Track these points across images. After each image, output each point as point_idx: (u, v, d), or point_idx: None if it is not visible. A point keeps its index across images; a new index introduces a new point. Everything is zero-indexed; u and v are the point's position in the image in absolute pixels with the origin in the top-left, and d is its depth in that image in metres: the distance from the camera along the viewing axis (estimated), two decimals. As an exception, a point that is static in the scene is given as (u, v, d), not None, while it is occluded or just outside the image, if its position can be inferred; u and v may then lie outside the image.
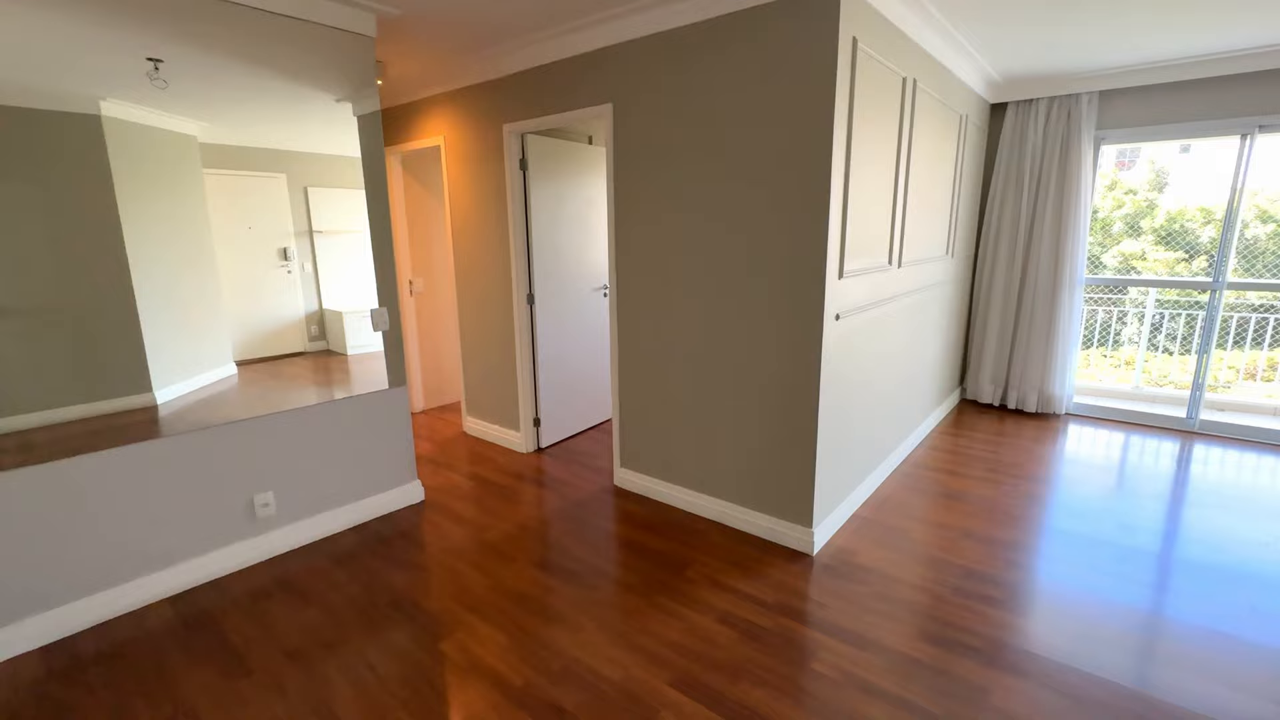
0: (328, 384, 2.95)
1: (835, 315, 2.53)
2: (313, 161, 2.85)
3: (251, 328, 2.78)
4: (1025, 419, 4.45)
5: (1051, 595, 2.36)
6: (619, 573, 2.53)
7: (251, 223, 2.77)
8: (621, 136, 2.94)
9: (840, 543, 2.73)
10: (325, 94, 2.76)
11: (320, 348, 2.99)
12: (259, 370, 2.80)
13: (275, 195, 2.79)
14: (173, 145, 2.42)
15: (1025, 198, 4.32)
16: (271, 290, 2.83)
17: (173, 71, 2.36)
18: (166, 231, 2.40)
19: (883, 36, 2.56)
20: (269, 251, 2.82)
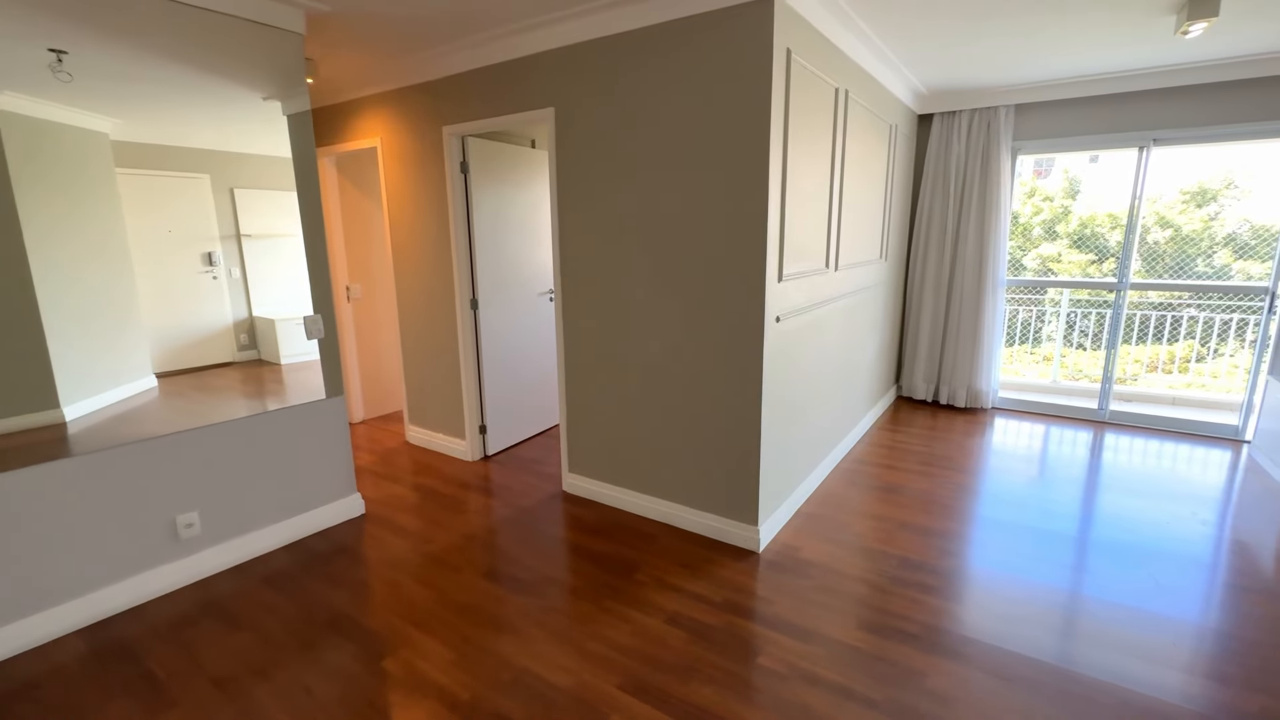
0: (259, 395, 2.82)
1: (776, 318, 2.60)
2: (239, 162, 2.71)
3: (173, 337, 2.61)
4: (956, 414, 4.68)
5: (981, 580, 2.49)
6: (568, 579, 2.51)
7: (172, 226, 2.60)
8: (563, 141, 2.93)
9: (785, 539, 2.79)
10: (251, 91, 2.64)
11: (251, 357, 2.85)
12: (182, 382, 2.64)
13: (198, 197, 2.63)
14: (81, 143, 2.25)
15: (951, 204, 4.56)
16: (195, 297, 2.67)
17: (79, 65, 2.20)
18: (74, 235, 2.23)
19: (816, 49, 2.66)
20: (191, 256, 2.66)
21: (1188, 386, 5.23)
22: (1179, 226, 6.54)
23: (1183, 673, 1.94)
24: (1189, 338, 5.36)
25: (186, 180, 2.59)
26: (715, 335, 2.64)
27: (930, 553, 2.69)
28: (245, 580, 2.51)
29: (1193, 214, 6.49)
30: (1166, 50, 3.35)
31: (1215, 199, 6.41)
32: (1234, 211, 6.26)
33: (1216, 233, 6.26)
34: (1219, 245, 6.24)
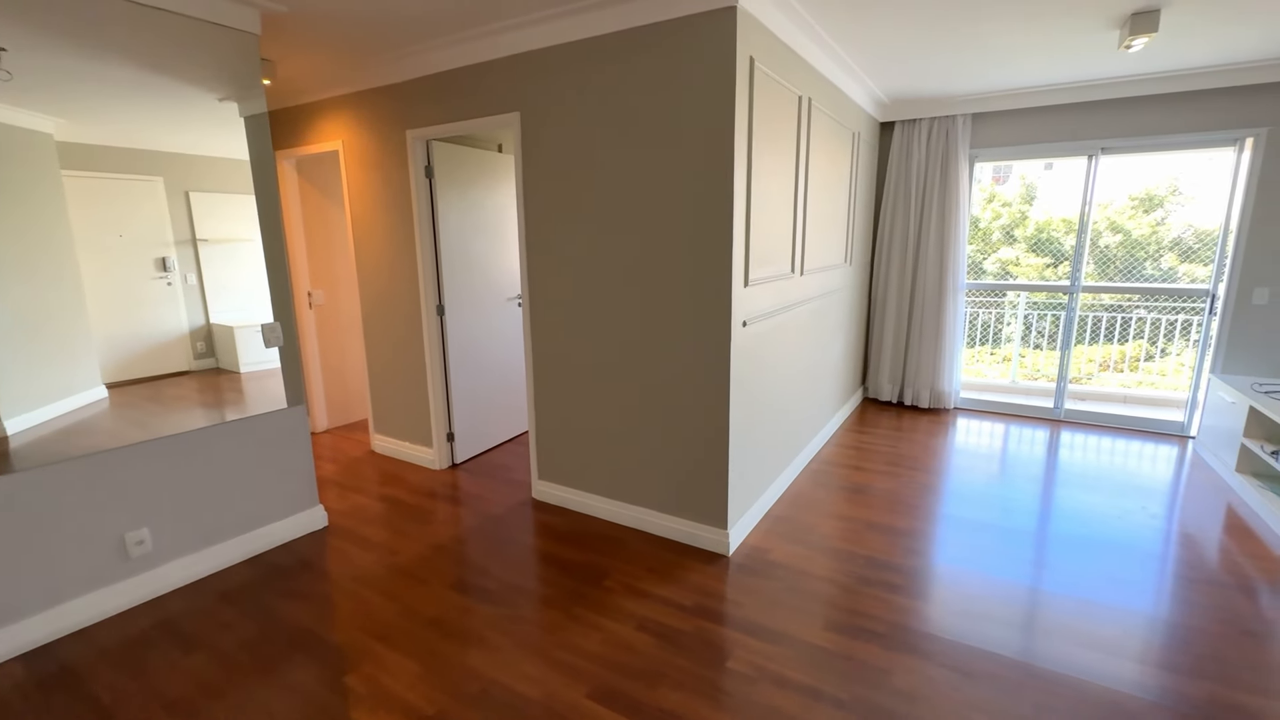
0: (216, 405, 2.73)
1: (743, 322, 2.62)
2: (195, 164, 2.62)
3: (125, 346, 2.50)
4: (920, 414, 4.78)
5: (945, 578, 2.54)
6: (537, 587, 2.48)
7: (123, 231, 2.50)
8: (529, 146, 2.92)
9: (754, 541, 2.81)
10: (206, 92, 2.56)
11: (209, 366, 2.76)
12: (135, 393, 2.53)
13: (151, 200, 2.54)
14: (21, 143, 2.14)
15: (913, 210, 4.67)
16: (148, 304, 2.57)
17: (18, 62, 2.11)
18: (13, 239, 2.13)
19: (779, 57, 2.70)
20: (144, 262, 2.55)
21: (1139, 385, 5.45)
22: (1128, 231, 6.82)
23: (1135, 663, 2.01)
24: (1138, 338, 5.58)
25: (138, 183, 2.50)
26: (683, 340, 2.65)
27: (896, 552, 2.73)
28: (201, 598, 2.42)
29: (1141, 219, 6.78)
30: (1112, 63, 3.49)
31: (1161, 205, 6.71)
32: (1179, 217, 6.56)
33: (1163, 237, 6.54)
34: (1165, 249, 6.52)
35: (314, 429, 4.50)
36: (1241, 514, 3.09)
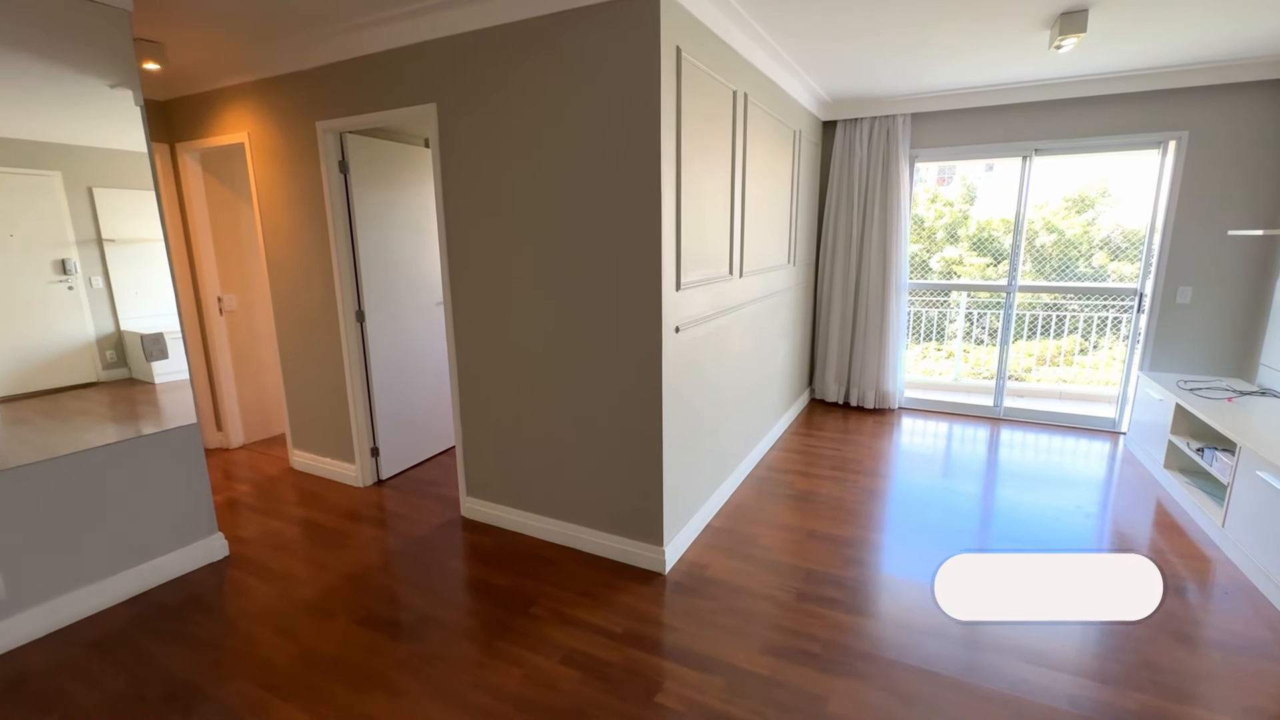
0: (123, 419, 2.47)
1: (675, 328, 2.48)
2: (98, 158, 2.38)
3: (19, 356, 2.26)
4: (866, 415, 4.76)
5: (885, 588, 2.46)
6: (457, 618, 2.29)
7: (13, 230, 2.25)
8: (447, 139, 2.71)
9: (692, 557, 2.68)
10: (94, 78, 2.28)
11: (121, 376, 2.52)
12: (29, 407, 2.28)
13: (46, 197, 2.29)
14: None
15: (856, 210, 4.64)
16: (46, 310, 2.33)
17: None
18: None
19: (709, 49, 2.57)
20: (39, 264, 2.31)
21: (1073, 381, 5.58)
22: (1062, 231, 7.02)
23: (1070, 674, 1.96)
24: (1073, 333, 5.72)
25: (30, 177, 2.25)
26: (611, 347, 2.49)
27: (836, 562, 2.65)
28: (66, 648, 2.13)
29: (1074, 219, 6.98)
30: (1045, 65, 3.51)
31: (1093, 206, 6.92)
32: (1109, 217, 6.78)
33: (1094, 237, 6.75)
34: (1096, 248, 6.73)
35: (228, 445, 4.16)
36: (1170, 511, 3.14)
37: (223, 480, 3.62)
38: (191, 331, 3.94)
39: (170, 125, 3.71)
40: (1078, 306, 5.73)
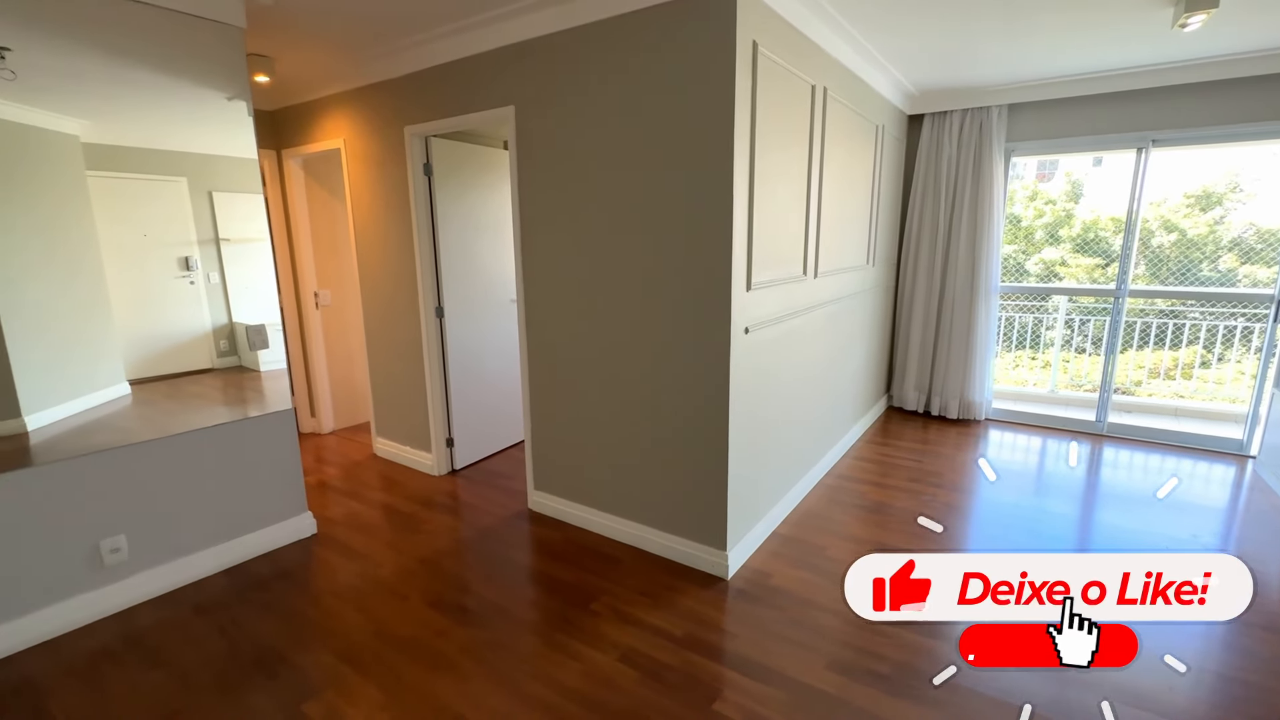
0: (229, 403, 2.71)
1: (744, 329, 2.43)
2: (217, 164, 2.63)
3: (149, 343, 2.54)
4: (948, 425, 4.50)
5: (963, 612, 2.31)
6: (521, 609, 2.34)
7: (147, 230, 2.54)
8: (524, 141, 2.78)
9: (756, 564, 2.62)
10: (214, 91, 2.52)
11: (231, 364, 2.78)
12: (156, 389, 2.56)
13: (174, 200, 2.57)
14: (49, 145, 2.18)
15: (942, 208, 4.38)
16: (172, 303, 2.61)
17: (23, 61, 2.08)
18: (39, 238, 2.16)
19: (788, 42, 2.50)
20: (168, 261, 2.60)
21: (1193, 397, 5.03)
22: (1184, 230, 6.35)
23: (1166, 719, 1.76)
24: (1193, 343, 5.16)
25: (162, 183, 2.53)
26: (679, 348, 2.47)
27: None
28: (174, 609, 2.35)
29: (1197, 218, 6.30)
30: (1166, 46, 3.18)
31: (1220, 203, 6.22)
32: (1240, 215, 6.07)
33: (1221, 236, 6.07)
34: (1224, 249, 6.04)
35: (320, 430, 4.46)
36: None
37: (314, 463, 3.88)
38: (291, 324, 4.25)
39: (277, 133, 4.01)
40: (1199, 314, 5.16)
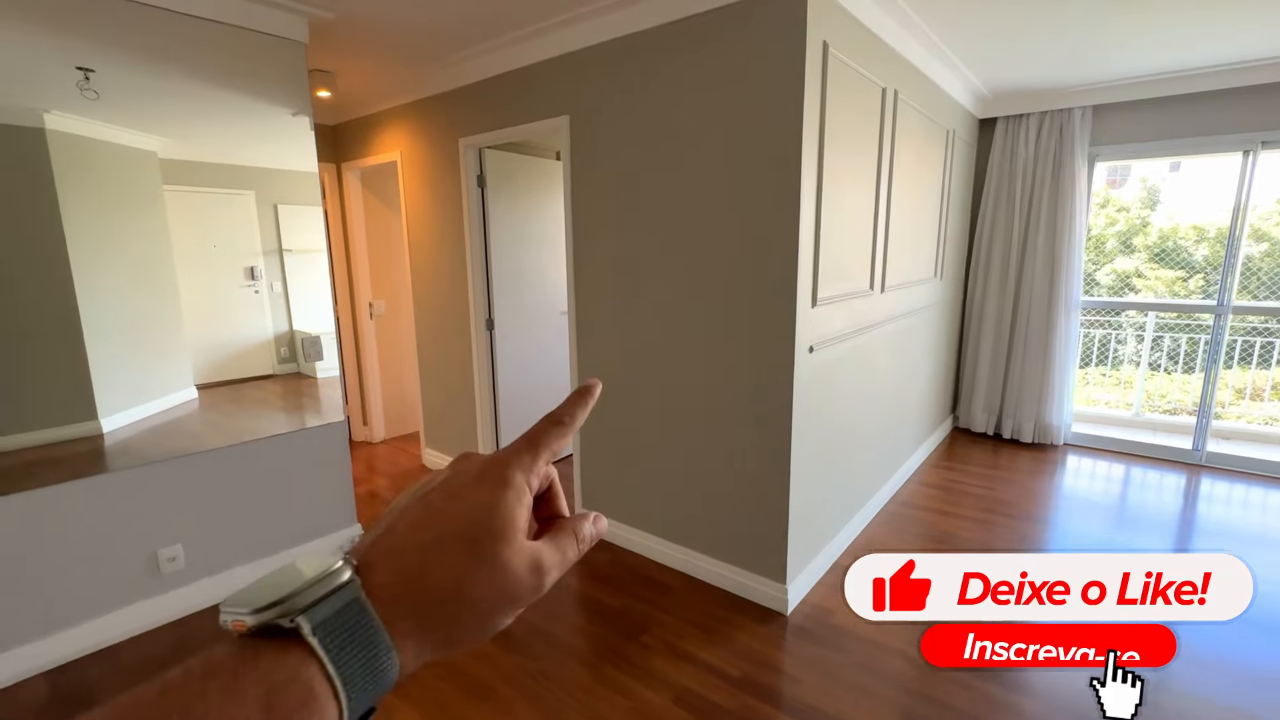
0: (288, 409, 2.77)
1: (809, 347, 2.28)
2: (281, 177, 2.70)
3: (215, 349, 2.64)
4: (1021, 450, 4.19)
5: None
6: (568, 637, 2.25)
7: (216, 241, 2.64)
8: (579, 151, 2.71)
9: (818, 599, 2.45)
10: (279, 107, 2.56)
11: (290, 370, 2.84)
12: (221, 394, 2.64)
13: (243, 213, 2.66)
14: (130, 161, 2.28)
15: (1017, 217, 4.11)
16: (237, 310, 2.71)
17: (106, 82, 2.15)
18: (119, 249, 2.25)
19: (858, 43, 2.35)
20: (235, 270, 2.70)
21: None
22: (1277, 239, 5.80)
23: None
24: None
25: (232, 196, 2.62)
26: (739, 366, 2.34)
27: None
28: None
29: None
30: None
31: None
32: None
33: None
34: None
35: (371, 439, 4.51)
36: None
37: (365, 472, 3.91)
38: (346, 334, 4.32)
39: (337, 147, 4.09)
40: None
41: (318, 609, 0.27)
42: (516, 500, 0.33)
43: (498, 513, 0.32)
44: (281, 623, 0.26)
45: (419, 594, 0.29)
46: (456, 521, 0.32)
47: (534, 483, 0.35)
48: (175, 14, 2.21)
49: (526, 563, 0.33)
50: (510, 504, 0.33)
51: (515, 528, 0.32)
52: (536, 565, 0.33)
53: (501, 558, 0.31)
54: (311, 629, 0.26)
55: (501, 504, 0.32)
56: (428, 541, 0.31)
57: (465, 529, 0.31)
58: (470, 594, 0.30)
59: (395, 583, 0.29)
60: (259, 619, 0.27)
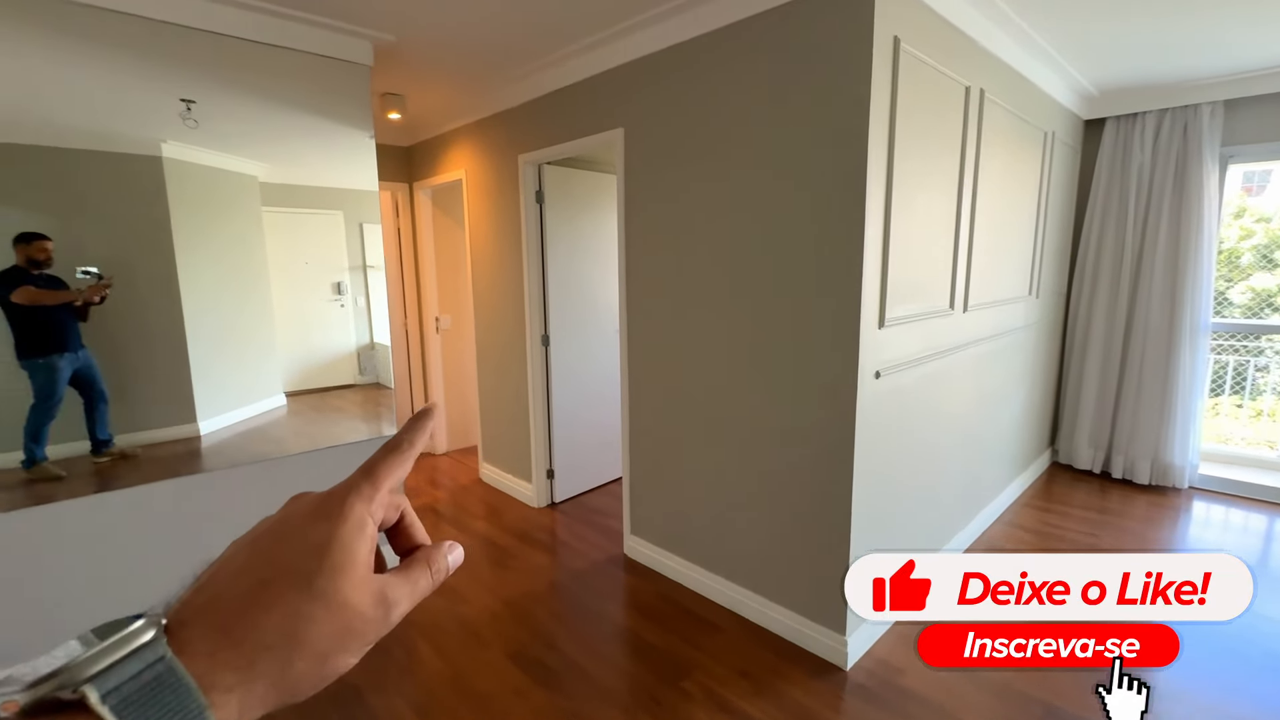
0: (366, 418, 2.90)
1: (875, 372, 2.06)
2: (365, 198, 2.83)
3: (303, 359, 2.83)
4: (1134, 492, 3.67)
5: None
6: (604, 674, 2.11)
7: (308, 258, 2.84)
8: (632, 164, 2.63)
9: (883, 654, 2.19)
10: (358, 130, 2.66)
11: (370, 380, 2.98)
12: (306, 402, 2.82)
13: (331, 231, 2.85)
14: (233, 185, 2.47)
15: (1131, 228, 3.64)
16: (324, 323, 2.89)
17: (203, 111, 2.31)
18: (222, 264, 2.43)
19: (936, 38, 2.13)
20: (323, 285, 2.90)
21: None
22: None
23: None
24: None
25: (323, 216, 2.81)
26: (796, 392, 2.15)
27: (1086, 698, 1.95)
28: (275, 629, 2.39)
29: None
30: None
31: None
32: None
33: None
34: None
35: (435, 451, 4.60)
36: None
37: (424, 484, 3.97)
38: (414, 347, 4.44)
39: (410, 166, 4.24)
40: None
41: (109, 675, 0.24)
42: (356, 532, 0.32)
43: (333, 547, 0.30)
44: (62, 695, 0.24)
45: (241, 645, 0.27)
46: (287, 561, 0.30)
47: (377, 513, 0.34)
48: (249, 42, 2.31)
49: (371, 596, 0.31)
50: (348, 537, 0.31)
51: (354, 561, 0.31)
52: (382, 598, 0.32)
53: (341, 594, 0.30)
54: (100, 697, 0.24)
55: (338, 538, 0.31)
56: (251, 587, 0.29)
57: (297, 567, 0.30)
58: (305, 636, 0.29)
59: (212, 636, 0.27)
60: (33, 695, 0.23)
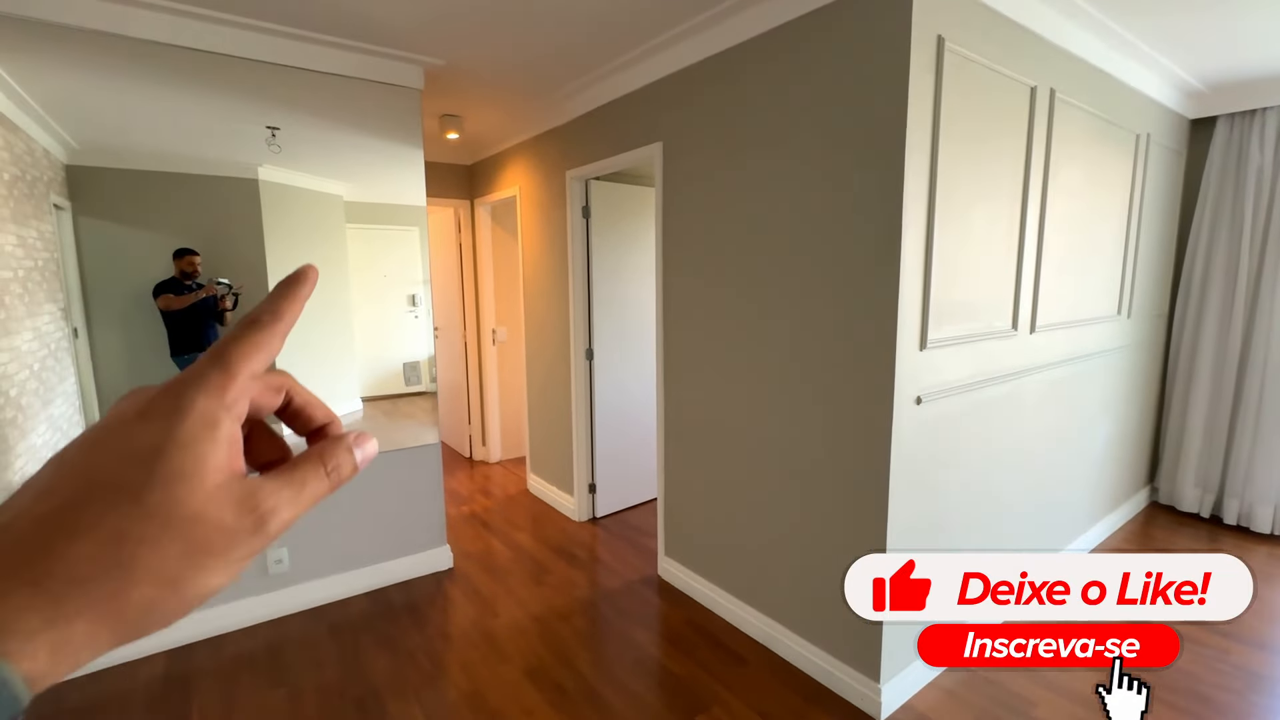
0: (433, 424, 3.01)
1: (915, 398, 1.90)
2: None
3: (380, 367, 3.02)
4: (1253, 542, 3.19)
5: None
6: (618, 703, 2.05)
7: (386, 272, 3.03)
8: (670, 176, 2.59)
9: (923, 707, 1.99)
10: (412, 148, 2.78)
11: (436, 389, 3.14)
12: (379, 407, 3.01)
13: (408, 247, 3.01)
14: (320, 204, 2.68)
15: (1248, 239, 3.20)
16: (400, 333, 3.08)
17: (285, 137, 2.51)
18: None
19: (991, 34, 1.96)
20: (400, 298, 3.09)
21: None
22: None
23: None
24: None
25: (400, 232, 2.96)
26: (828, 417, 2.02)
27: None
28: (315, 625, 2.50)
29: None
30: None
31: None
32: None
33: None
34: None
35: (488, 460, 4.70)
36: None
37: (473, 492, 4.06)
38: (471, 358, 4.58)
39: (471, 184, 4.41)
40: None
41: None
42: (202, 431, 0.26)
43: (168, 452, 0.25)
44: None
45: (41, 581, 0.23)
46: (104, 475, 0.25)
47: (236, 405, 0.28)
48: (313, 72, 2.46)
49: (233, 505, 0.26)
50: (187, 437, 0.26)
51: (201, 466, 0.26)
52: (249, 506, 0.27)
53: (184, 506, 0.25)
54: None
55: (174, 439, 0.25)
56: (52, 510, 0.24)
57: (118, 480, 0.25)
58: (139, 560, 0.24)
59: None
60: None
